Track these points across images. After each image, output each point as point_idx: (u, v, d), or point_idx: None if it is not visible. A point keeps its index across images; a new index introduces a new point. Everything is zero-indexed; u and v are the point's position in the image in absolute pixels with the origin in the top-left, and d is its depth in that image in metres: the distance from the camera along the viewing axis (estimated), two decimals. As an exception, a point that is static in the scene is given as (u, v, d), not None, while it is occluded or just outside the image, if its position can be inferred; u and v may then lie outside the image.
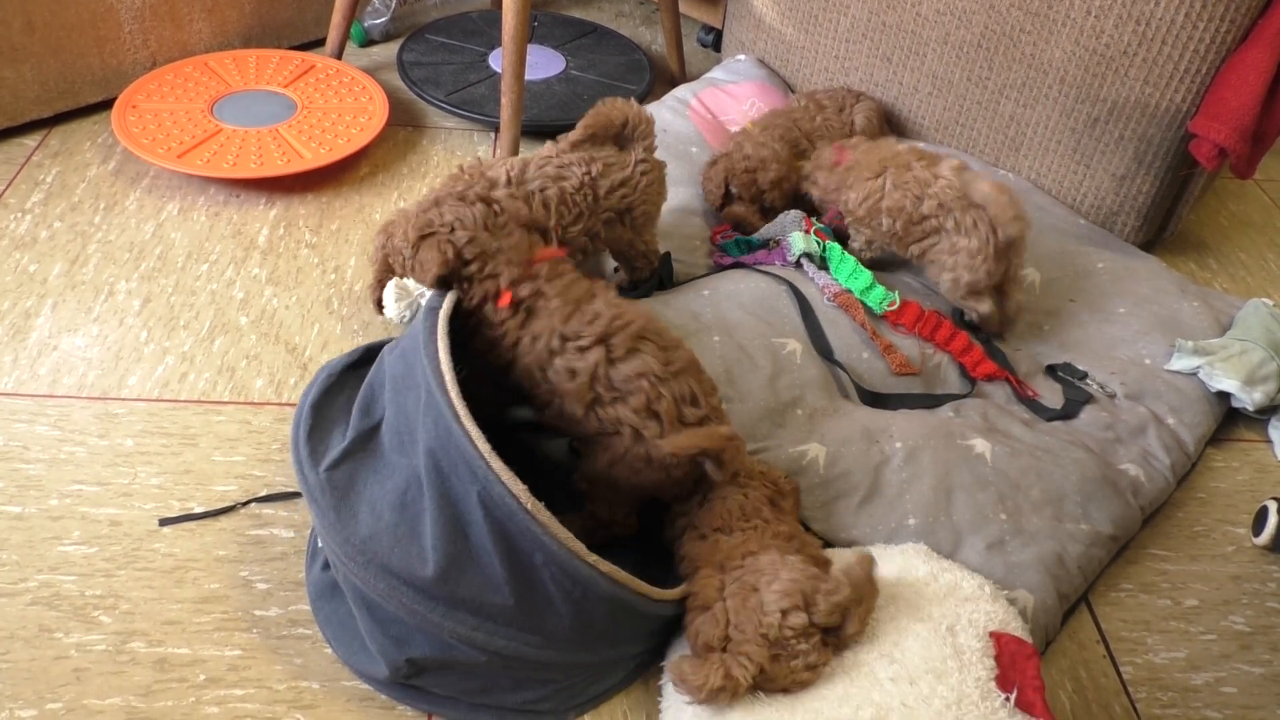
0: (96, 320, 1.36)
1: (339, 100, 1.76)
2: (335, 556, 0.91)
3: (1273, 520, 1.18)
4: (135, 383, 1.27)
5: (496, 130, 1.80)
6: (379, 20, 2.06)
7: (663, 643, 0.99)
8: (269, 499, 1.14)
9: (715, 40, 2.11)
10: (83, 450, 1.18)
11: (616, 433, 0.98)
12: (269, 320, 1.38)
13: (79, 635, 0.99)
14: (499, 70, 1.90)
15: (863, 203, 1.36)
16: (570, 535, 0.86)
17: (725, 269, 1.42)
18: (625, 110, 1.26)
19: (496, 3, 2.15)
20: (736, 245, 1.45)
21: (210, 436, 1.21)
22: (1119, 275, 1.49)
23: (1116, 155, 1.54)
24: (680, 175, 1.52)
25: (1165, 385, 1.31)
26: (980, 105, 1.63)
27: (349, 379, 1.04)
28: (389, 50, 2.02)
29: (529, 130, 1.71)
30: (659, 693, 0.97)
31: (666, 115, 1.66)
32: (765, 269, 1.38)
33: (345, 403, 1.01)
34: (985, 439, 1.17)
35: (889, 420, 1.19)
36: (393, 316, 1.26)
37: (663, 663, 0.98)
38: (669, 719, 0.92)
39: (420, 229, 1.03)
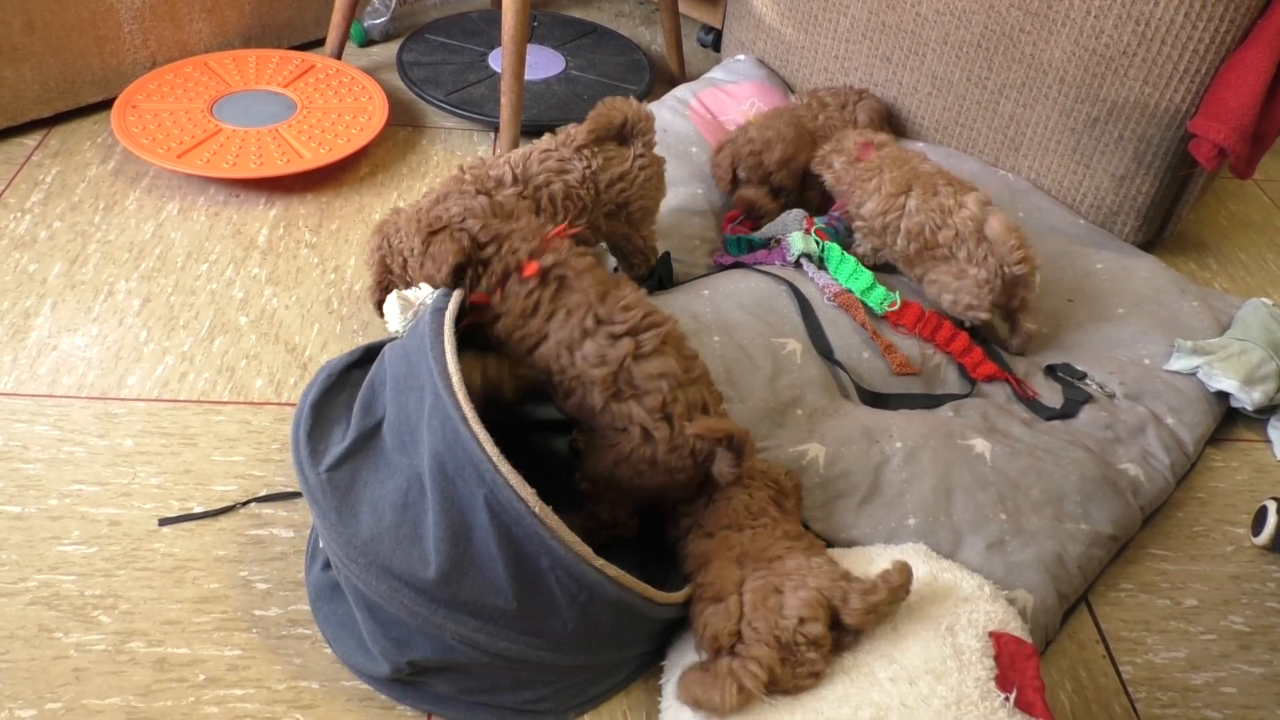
0: (96, 320, 1.36)
1: (339, 100, 1.76)
2: (337, 558, 0.91)
3: (1272, 520, 1.18)
4: (135, 382, 1.27)
5: (496, 130, 1.80)
6: (379, 20, 2.06)
7: (663, 643, 0.99)
8: (269, 499, 1.14)
9: (715, 40, 2.11)
10: (82, 450, 1.18)
11: (625, 430, 0.98)
12: (269, 320, 1.38)
13: (78, 635, 0.99)
14: (499, 70, 1.90)
15: (880, 216, 1.34)
16: (578, 539, 0.86)
17: (725, 269, 1.42)
18: (625, 108, 1.26)
19: (496, 3, 2.15)
20: (737, 245, 1.45)
21: (210, 436, 1.21)
22: (1118, 275, 1.49)
23: (1116, 155, 1.54)
24: (680, 175, 1.52)
25: (1164, 385, 1.32)
26: (980, 105, 1.63)
27: (349, 378, 1.04)
28: (389, 50, 2.02)
29: (529, 130, 1.71)
30: (659, 693, 0.97)
31: (666, 115, 1.66)
32: (765, 269, 1.38)
33: (345, 402, 1.01)
34: (985, 439, 1.17)
35: (889, 420, 1.19)
36: (398, 330, 1.25)
37: (662, 663, 0.98)
38: (669, 719, 0.92)
39: (430, 224, 1.03)
